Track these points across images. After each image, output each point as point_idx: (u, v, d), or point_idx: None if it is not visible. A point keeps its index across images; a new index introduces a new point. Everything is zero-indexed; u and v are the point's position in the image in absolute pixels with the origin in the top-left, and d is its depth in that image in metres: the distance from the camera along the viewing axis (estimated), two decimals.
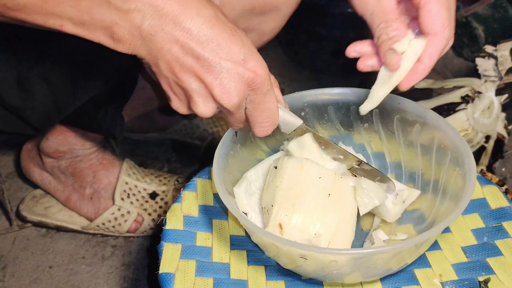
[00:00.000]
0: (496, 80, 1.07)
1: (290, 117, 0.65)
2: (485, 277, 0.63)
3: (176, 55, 0.53)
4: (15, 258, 0.99)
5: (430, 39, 0.60)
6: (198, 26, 0.52)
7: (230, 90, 0.54)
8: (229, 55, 0.53)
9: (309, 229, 0.62)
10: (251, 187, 0.69)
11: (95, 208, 1.01)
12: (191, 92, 0.55)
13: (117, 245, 1.01)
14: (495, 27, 1.32)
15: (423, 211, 0.71)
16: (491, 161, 1.08)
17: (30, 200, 1.04)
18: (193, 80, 0.54)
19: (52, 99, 0.77)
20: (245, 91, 0.55)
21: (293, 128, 0.65)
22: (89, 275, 0.97)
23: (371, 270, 0.60)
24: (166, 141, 1.22)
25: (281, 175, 0.64)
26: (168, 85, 0.56)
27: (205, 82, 0.54)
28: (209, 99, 0.55)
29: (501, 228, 0.68)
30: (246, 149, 0.71)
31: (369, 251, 0.56)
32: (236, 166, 0.69)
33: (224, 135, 0.69)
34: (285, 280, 0.64)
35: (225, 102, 0.55)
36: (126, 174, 1.01)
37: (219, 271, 0.64)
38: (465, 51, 1.37)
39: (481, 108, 1.06)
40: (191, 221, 0.70)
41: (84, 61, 0.76)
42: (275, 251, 0.60)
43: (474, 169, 0.63)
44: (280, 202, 0.63)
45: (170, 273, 0.63)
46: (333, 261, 0.57)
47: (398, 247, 0.57)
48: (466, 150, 0.65)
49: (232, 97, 0.55)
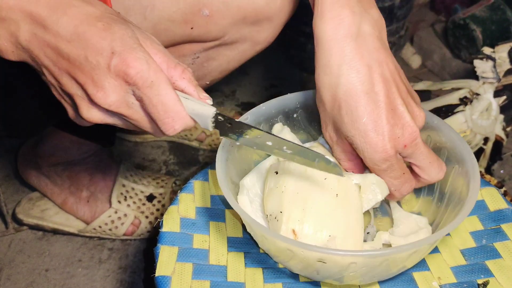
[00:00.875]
0: (494, 81, 1.07)
1: (200, 107, 0.55)
2: (484, 280, 0.62)
3: (52, 58, 0.52)
4: (11, 261, 0.99)
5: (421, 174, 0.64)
6: (64, 26, 0.51)
7: (105, 87, 0.51)
8: (97, 51, 0.51)
9: (323, 232, 0.61)
10: (249, 194, 0.68)
11: (92, 211, 1.00)
12: (74, 97, 0.53)
13: (114, 248, 1.01)
14: (493, 29, 1.32)
15: (421, 214, 0.70)
16: (490, 163, 1.08)
17: (26, 203, 1.04)
18: (71, 82, 0.53)
19: (41, 107, 0.76)
20: (123, 87, 0.52)
21: (208, 120, 0.56)
22: (85, 278, 0.96)
23: (388, 270, 0.60)
24: (164, 143, 1.22)
25: (284, 179, 0.63)
26: (57, 93, 0.55)
27: (80, 83, 0.52)
28: (90, 102, 0.53)
29: (500, 231, 0.68)
30: (243, 153, 0.71)
31: (389, 251, 0.56)
32: (235, 171, 0.69)
33: (222, 140, 0.68)
34: (282, 282, 0.64)
35: (102, 101, 0.52)
36: (123, 176, 1.01)
37: (216, 274, 0.64)
38: (463, 53, 1.37)
39: (479, 110, 1.06)
40: (188, 223, 0.70)
41: None
42: (290, 257, 0.60)
43: (477, 171, 0.63)
44: (289, 208, 0.61)
45: (166, 276, 0.63)
46: (353, 263, 0.56)
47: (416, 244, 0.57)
48: (466, 149, 0.65)
49: (108, 94, 0.51)
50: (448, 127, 0.69)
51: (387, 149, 0.59)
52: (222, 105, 1.30)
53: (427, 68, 1.44)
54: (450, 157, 0.67)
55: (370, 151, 0.59)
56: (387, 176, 0.62)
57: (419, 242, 0.58)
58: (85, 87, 0.52)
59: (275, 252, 0.62)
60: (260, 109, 0.72)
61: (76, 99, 0.53)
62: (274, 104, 0.73)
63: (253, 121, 0.72)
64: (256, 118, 0.72)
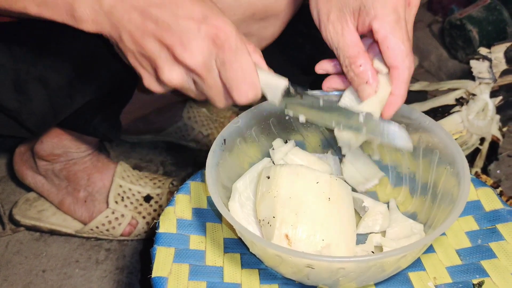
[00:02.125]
0: (491, 82, 1.07)
1: (273, 78, 0.59)
2: (479, 280, 0.63)
3: (136, 22, 0.53)
4: (8, 262, 0.99)
5: (393, 71, 0.61)
6: None
7: (192, 47, 0.53)
8: (188, 14, 0.53)
9: (316, 237, 0.61)
10: (241, 198, 0.68)
11: (89, 211, 1.00)
12: (155, 59, 0.55)
13: (111, 248, 1.01)
14: (490, 29, 1.32)
15: (416, 214, 0.70)
16: (486, 163, 1.09)
17: (23, 204, 1.04)
18: (155, 45, 0.54)
19: (48, 102, 0.76)
20: (209, 49, 0.54)
21: (279, 92, 0.60)
22: (83, 279, 0.96)
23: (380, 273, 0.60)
24: (161, 144, 1.22)
25: (276, 184, 0.63)
26: (135, 59, 0.56)
27: (166, 44, 0.54)
28: (173, 62, 0.55)
29: (495, 231, 0.68)
30: (234, 157, 0.71)
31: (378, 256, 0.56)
32: (226, 175, 0.69)
33: (213, 143, 0.68)
34: (278, 283, 0.64)
35: (188, 61, 0.54)
36: (120, 177, 1.01)
37: (213, 275, 0.64)
38: (459, 53, 1.38)
39: (475, 110, 1.06)
40: (184, 224, 0.70)
41: (81, 65, 0.76)
42: (279, 262, 0.60)
43: (467, 169, 0.63)
44: (281, 213, 0.62)
45: (163, 277, 0.63)
46: (341, 268, 0.56)
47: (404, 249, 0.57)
48: (457, 150, 0.65)
49: (195, 55, 0.54)
50: (440, 128, 0.69)
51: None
52: None
53: (424, 68, 1.44)
54: (442, 157, 0.68)
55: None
56: (396, 35, 0.60)
57: (408, 247, 0.58)
58: (172, 49, 0.54)
59: (265, 258, 0.62)
60: (252, 112, 0.72)
61: (158, 62, 0.55)
62: (265, 107, 0.73)
63: (245, 124, 0.72)
64: (248, 121, 0.72)
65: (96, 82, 0.79)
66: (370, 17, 0.59)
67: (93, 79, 0.78)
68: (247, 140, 0.72)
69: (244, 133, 0.72)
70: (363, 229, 0.69)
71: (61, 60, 0.74)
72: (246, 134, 0.72)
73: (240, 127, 0.71)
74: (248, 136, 0.73)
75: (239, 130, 0.71)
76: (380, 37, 0.59)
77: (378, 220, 0.67)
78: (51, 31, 0.72)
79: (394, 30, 0.59)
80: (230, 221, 0.60)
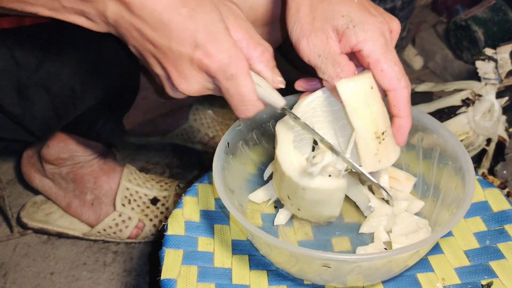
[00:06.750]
0: (496, 83, 1.07)
1: (271, 97, 0.59)
2: (488, 281, 0.63)
3: (138, 40, 0.54)
4: (16, 265, 0.99)
5: (392, 94, 0.60)
6: (148, 12, 0.51)
7: (187, 78, 0.53)
8: (180, 42, 0.52)
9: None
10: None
11: (96, 214, 1.01)
12: (160, 76, 0.56)
13: (118, 251, 1.01)
14: (495, 30, 1.32)
15: (424, 215, 0.70)
16: (493, 164, 1.08)
17: (31, 207, 1.04)
18: (158, 65, 0.55)
19: (52, 107, 0.77)
20: (204, 77, 0.54)
21: (277, 109, 0.61)
22: (90, 281, 0.96)
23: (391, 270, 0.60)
24: (167, 146, 1.22)
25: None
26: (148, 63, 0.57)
27: (165, 68, 0.54)
28: (173, 85, 0.55)
29: (503, 231, 0.68)
30: (237, 160, 0.72)
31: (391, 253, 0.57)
32: (231, 178, 0.69)
33: (217, 148, 0.68)
34: (287, 284, 0.64)
35: (185, 91, 0.54)
36: (127, 179, 1.01)
37: (221, 277, 0.64)
38: (465, 54, 1.38)
39: (481, 111, 1.06)
40: (192, 226, 0.70)
41: (84, 70, 0.76)
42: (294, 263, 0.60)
43: (471, 166, 0.64)
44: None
45: (172, 279, 0.63)
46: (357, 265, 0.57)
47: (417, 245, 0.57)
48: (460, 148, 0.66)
49: (191, 85, 0.54)
50: (438, 124, 0.69)
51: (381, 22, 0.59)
52: (223, 107, 1.30)
53: (429, 69, 1.44)
54: (443, 154, 0.68)
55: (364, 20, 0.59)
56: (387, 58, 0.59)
57: (421, 242, 0.58)
58: (169, 74, 0.54)
59: (278, 259, 0.62)
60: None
61: (161, 79, 0.56)
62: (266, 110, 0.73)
63: (246, 127, 0.73)
64: (249, 124, 0.73)
65: (99, 87, 0.79)
66: (359, 39, 0.58)
67: (96, 84, 0.79)
68: (248, 143, 0.74)
69: (246, 136, 0.73)
70: (366, 228, 0.69)
71: (64, 65, 0.75)
72: (247, 137, 0.73)
73: (242, 130, 0.72)
74: (249, 139, 0.74)
75: (241, 133, 0.72)
76: (373, 60, 0.59)
77: (383, 221, 0.68)
78: (54, 37, 0.73)
79: (385, 53, 0.58)
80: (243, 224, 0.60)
